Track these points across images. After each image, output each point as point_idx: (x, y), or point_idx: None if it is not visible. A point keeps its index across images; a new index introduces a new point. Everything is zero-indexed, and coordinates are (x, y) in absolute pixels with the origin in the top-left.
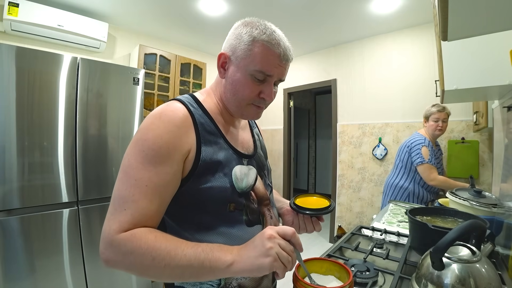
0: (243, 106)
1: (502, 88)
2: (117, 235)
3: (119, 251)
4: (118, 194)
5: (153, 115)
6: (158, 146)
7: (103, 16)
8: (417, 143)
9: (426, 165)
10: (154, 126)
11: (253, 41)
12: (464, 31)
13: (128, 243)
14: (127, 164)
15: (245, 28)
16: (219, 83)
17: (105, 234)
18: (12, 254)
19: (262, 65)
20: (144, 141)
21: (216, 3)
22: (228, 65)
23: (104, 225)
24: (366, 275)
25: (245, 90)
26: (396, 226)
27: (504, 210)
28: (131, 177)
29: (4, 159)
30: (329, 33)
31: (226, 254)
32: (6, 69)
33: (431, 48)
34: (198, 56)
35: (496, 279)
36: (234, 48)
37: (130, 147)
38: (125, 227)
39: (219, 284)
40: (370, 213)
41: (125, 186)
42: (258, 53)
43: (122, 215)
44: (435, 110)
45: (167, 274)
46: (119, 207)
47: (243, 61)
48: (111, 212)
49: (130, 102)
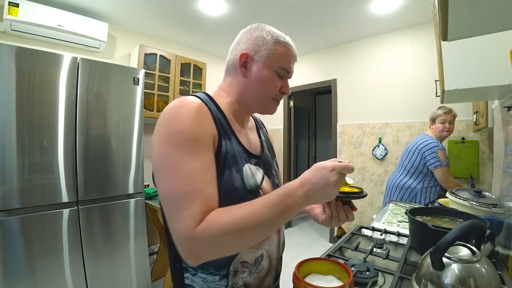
0: (268, 101)
1: (502, 88)
2: (196, 229)
3: (205, 241)
4: (177, 193)
5: (173, 108)
6: (194, 135)
7: (103, 16)
8: (431, 146)
9: (445, 168)
10: (182, 117)
11: (276, 42)
12: (464, 31)
13: (211, 230)
14: (170, 162)
15: (263, 31)
16: (235, 83)
17: (183, 235)
18: (12, 254)
19: (285, 63)
20: (178, 133)
21: (216, 3)
22: (250, 64)
23: (176, 229)
24: (366, 275)
25: (272, 85)
26: (396, 226)
27: (504, 210)
28: (184, 171)
29: (4, 159)
30: (329, 33)
31: (297, 191)
32: (6, 69)
33: (431, 48)
34: (198, 56)
35: (496, 279)
36: (257, 48)
37: (162, 145)
38: (199, 218)
39: (226, 286)
40: (370, 213)
41: (182, 182)
42: (281, 52)
43: (191, 209)
44: (442, 112)
45: (257, 233)
46: (185, 203)
47: (268, 59)
48: (176, 213)
49: (130, 102)
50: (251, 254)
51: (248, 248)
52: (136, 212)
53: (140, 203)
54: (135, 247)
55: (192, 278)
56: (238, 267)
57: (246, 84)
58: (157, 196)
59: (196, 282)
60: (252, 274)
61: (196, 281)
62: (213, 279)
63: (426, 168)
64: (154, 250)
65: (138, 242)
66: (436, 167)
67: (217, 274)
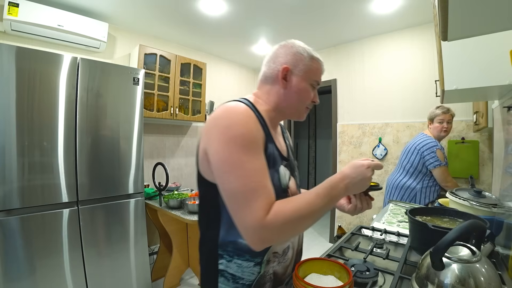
0: (303, 109)
1: (502, 88)
2: (266, 219)
3: (274, 228)
4: (246, 189)
5: (231, 112)
6: (253, 137)
7: (103, 16)
8: (430, 146)
9: (444, 167)
10: (241, 122)
11: (311, 58)
12: (464, 31)
13: (278, 219)
14: (236, 162)
15: (299, 48)
16: (274, 93)
17: (253, 224)
18: (12, 254)
19: (318, 76)
20: (241, 136)
21: (216, 3)
22: (289, 77)
23: (246, 220)
24: (366, 275)
25: (307, 95)
26: (396, 226)
27: (504, 210)
28: (249, 170)
29: (4, 159)
30: (329, 33)
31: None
32: (6, 69)
33: (431, 48)
34: (198, 56)
35: (496, 279)
36: (296, 63)
37: (226, 147)
38: (267, 209)
39: (259, 272)
40: (370, 213)
41: (249, 179)
42: (315, 67)
43: (259, 201)
44: (440, 112)
45: (312, 219)
46: (253, 197)
47: (306, 73)
48: (246, 206)
49: (130, 102)
50: (281, 246)
51: None
52: (136, 212)
53: (140, 203)
54: (135, 247)
55: (227, 264)
56: (270, 257)
57: (286, 94)
58: (157, 196)
59: (231, 267)
60: (280, 264)
61: (230, 267)
62: (247, 265)
63: (425, 168)
64: (154, 250)
65: (138, 242)
66: (435, 166)
67: (252, 261)
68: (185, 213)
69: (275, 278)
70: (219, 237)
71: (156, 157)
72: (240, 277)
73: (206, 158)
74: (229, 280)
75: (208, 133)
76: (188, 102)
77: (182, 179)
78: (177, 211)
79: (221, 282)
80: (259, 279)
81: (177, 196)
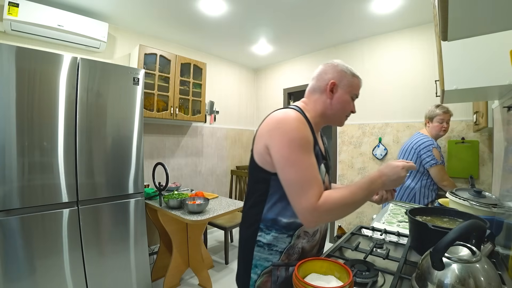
0: (343, 117)
1: (502, 88)
2: (318, 203)
3: (323, 211)
4: (303, 180)
5: (290, 118)
6: (308, 140)
7: (103, 16)
8: (427, 145)
9: (440, 166)
10: (299, 127)
11: (353, 75)
12: (464, 31)
13: (327, 204)
14: (296, 159)
15: (343, 67)
16: (321, 102)
17: (308, 207)
18: (12, 254)
19: (357, 91)
20: (299, 139)
21: (216, 3)
22: (335, 90)
23: (302, 204)
24: (366, 275)
25: (348, 106)
26: (396, 226)
27: (504, 210)
28: (306, 165)
29: (4, 159)
30: (329, 33)
31: (378, 185)
32: (6, 69)
33: (431, 48)
34: (198, 56)
35: (496, 279)
36: (341, 78)
37: (288, 147)
38: (318, 196)
39: (290, 243)
40: (370, 213)
41: (306, 173)
42: (356, 83)
43: (313, 190)
44: (441, 111)
45: (353, 207)
46: (308, 186)
47: (348, 88)
48: (303, 193)
49: (130, 102)
50: (313, 228)
51: None
52: (136, 212)
53: (140, 203)
54: (135, 247)
55: (265, 236)
56: (301, 233)
57: (331, 104)
58: (157, 196)
59: (267, 239)
60: (308, 242)
61: (267, 238)
62: (282, 236)
63: (423, 167)
64: (154, 250)
65: (138, 242)
66: (432, 165)
67: (286, 233)
68: (185, 213)
69: (302, 252)
70: (262, 214)
71: (156, 157)
72: (274, 245)
73: (267, 152)
74: (264, 249)
75: (271, 133)
76: (188, 102)
77: (182, 179)
78: (177, 211)
79: (257, 251)
80: (289, 248)
81: (177, 196)
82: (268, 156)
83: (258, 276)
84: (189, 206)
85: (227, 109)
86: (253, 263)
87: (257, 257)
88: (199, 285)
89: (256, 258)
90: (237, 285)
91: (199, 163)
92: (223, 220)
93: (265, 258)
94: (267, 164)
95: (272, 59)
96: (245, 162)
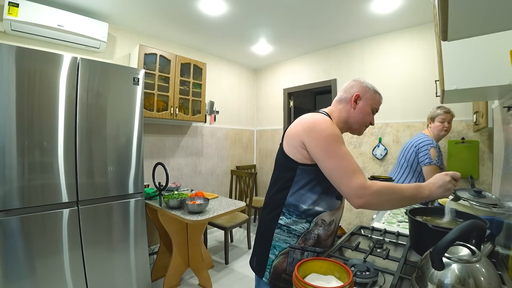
0: (363, 127)
1: (502, 88)
2: (367, 183)
3: (375, 191)
4: (347, 166)
5: (322, 120)
6: (340, 136)
7: (103, 16)
8: (425, 143)
9: (433, 166)
10: (331, 126)
11: (374, 91)
12: (464, 31)
13: (375, 186)
14: (335, 150)
15: (367, 84)
16: (345, 111)
17: (358, 186)
18: (12, 254)
19: (377, 105)
20: (334, 135)
21: (216, 3)
22: (359, 102)
23: (351, 186)
24: (366, 275)
25: (368, 117)
26: (396, 226)
27: (504, 210)
28: (345, 154)
29: (4, 159)
30: (329, 33)
31: (425, 190)
32: (6, 69)
33: (431, 48)
34: (198, 56)
35: (496, 279)
36: (364, 92)
37: (327, 141)
38: (365, 178)
39: (307, 228)
40: (370, 213)
41: (347, 160)
42: (377, 99)
43: (359, 172)
44: (442, 112)
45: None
46: (351, 171)
47: (370, 101)
48: (350, 177)
49: (130, 102)
50: (329, 217)
51: (329, 213)
52: (136, 212)
53: (140, 203)
54: (135, 247)
55: (285, 220)
56: (319, 221)
57: (354, 113)
58: (157, 196)
59: (287, 221)
60: (325, 230)
61: (287, 222)
62: (301, 220)
63: (419, 165)
64: (154, 250)
65: (138, 242)
66: (425, 164)
67: (305, 219)
68: (185, 213)
69: (318, 239)
70: (286, 200)
71: (156, 157)
72: (293, 229)
73: (303, 147)
74: (284, 231)
75: (307, 132)
76: (188, 102)
77: (182, 179)
78: (177, 211)
79: (277, 232)
80: (306, 233)
81: (177, 196)
82: (304, 150)
83: (275, 256)
84: (189, 206)
85: (227, 109)
86: (272, 244)
87: (276, 238)
88: (199, 285)
89: (276, 240)
90: (252, 268)
91: (199, 163)
92: (223, 220)
93: (283, 239)
94: (299, 155)
95: (272, 59)
96: (245, 162)
